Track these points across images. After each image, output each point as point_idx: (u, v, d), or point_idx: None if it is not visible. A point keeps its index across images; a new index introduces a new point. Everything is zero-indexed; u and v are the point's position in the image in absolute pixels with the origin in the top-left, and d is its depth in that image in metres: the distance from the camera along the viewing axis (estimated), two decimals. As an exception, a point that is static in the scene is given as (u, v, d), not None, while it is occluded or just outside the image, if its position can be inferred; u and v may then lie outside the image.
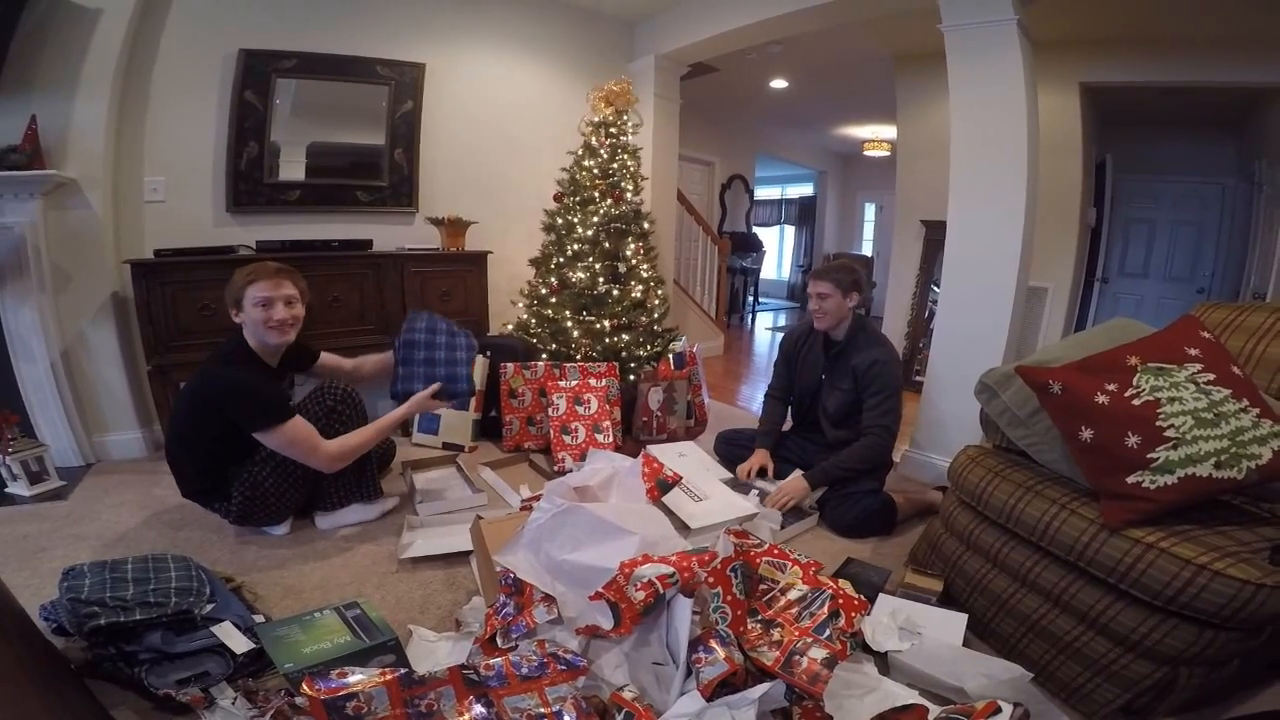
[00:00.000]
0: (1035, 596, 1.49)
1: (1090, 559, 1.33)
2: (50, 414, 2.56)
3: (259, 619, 1.54)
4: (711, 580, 1.37)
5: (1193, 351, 1.44)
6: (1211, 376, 1.38)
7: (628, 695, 1.20)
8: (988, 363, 2.04)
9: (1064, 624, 1.41)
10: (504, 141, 3.73)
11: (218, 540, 2.05)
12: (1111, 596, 1.31)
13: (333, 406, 2.09)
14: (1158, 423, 1.32)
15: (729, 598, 1.36)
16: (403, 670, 1.18)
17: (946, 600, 1.68)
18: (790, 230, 10.44)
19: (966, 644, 1.51)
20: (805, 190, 9.94)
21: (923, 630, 1.49)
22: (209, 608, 1.46)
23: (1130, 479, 1.32)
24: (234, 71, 2.86)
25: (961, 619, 1.55)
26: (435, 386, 2.18)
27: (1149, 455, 1.31)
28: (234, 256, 2.69)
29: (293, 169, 3.10)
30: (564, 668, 1.24)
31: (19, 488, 2.33)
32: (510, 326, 3.41)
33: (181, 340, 2.59)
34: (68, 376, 2.59)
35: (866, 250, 9.28)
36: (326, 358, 2.36)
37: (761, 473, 2.46)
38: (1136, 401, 1.37)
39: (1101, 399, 1.40)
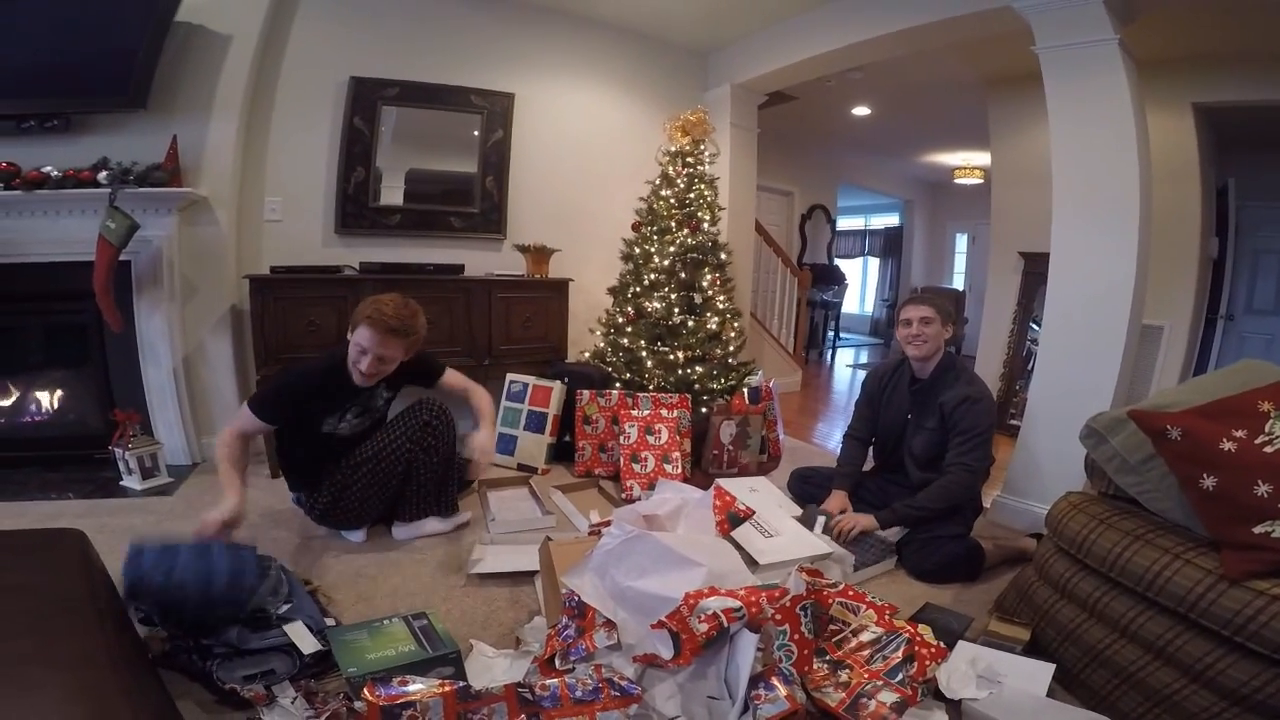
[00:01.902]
0: (1135, 648, 1.39)
1: (1204, 610, 1.24)
2: (168, 415, 2.81)
3: (330, 622, 1.60)
4: (779, 617, 1.31)
5: (1337, 397, 1.29)
6: (1358, 425, 1.23)
7: (681, 729, 1.16)
8: (1094, 407, 1.89)
9: (1164, 676, 1.31)
10: (585, 170, 3.84)
11: (302, 543, 2.17)
12: (1224, 649, 1.22)
13: (428, 421, 2.19)
14: (1295, 472, 1.19)
15: (796, 636, 1.30)
16: (460, 683, 1.18)
17: (1033, 650, 1.57)
18: (874, 262, 10.12)
19: (1052, 695, 1.42)
20: (891, 220, 9.64)
21: (1004, 679, 1.40)
22: (285, 607, 1.52)
23: (1258, 529, 1.22)
24: (345, 98, 3.10)
25: (1048, 669, 1.45)
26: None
27: None
28: (340, 277, 2.88)
29: (393, 194, 3.31)
30: (618, 694, 1.20)
31: (132, 481, 2.55)
32: (587, 354, 3.46)
33: (289, 353, 2.77)
34: (186, 381, 2.84)
35: (958, 284, 8.85)
36: (451, 378, 2.36)
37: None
38: (1269, 449, 1.27)
39: (1228, 446, 1.32)
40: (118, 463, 2.57)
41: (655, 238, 3.28)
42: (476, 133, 3.41)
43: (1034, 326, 4.01)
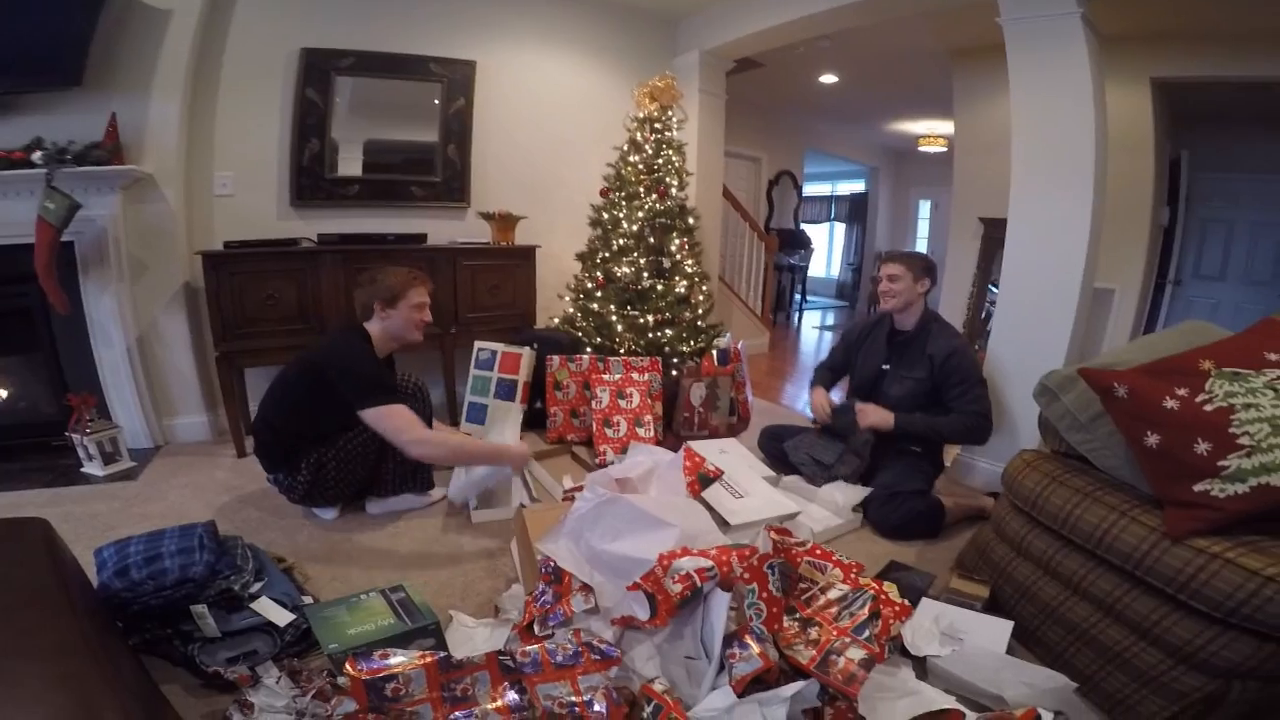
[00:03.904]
0: (1086, 605, 1.45)
1: (1149, 568, 1.28)
2: (125, 397, 2.73)
3: (308, 600, 1.60)
4: (747, 576, 1.35)
5: (1272, 356, 1.36)
6: (1293, 382, 1.29)
7: (658, 687, 1.20)
8: (1048, 366, 1.96)
9: (1114, 634, 1.37)
10: (552, 137, 3.77)
11: (274, 522, 2.15)
12: (1168, 607, 1.26)
13: (407, 396, 2.20)
14: (1231, 429, 1.26)
15: (764, 594, 1.34)
16: (441, 654, 1.20)
17: (992, 607, 1.64)
18: (840, 228, 10.22)
19: (1011, 652, 1.47)
20: (856, 187, 9.70)
21: (965, 636, 1.46)
22: (257, 586, 1.51)
23: (1197, 487, 1.27)
24: (295, 70, 2.98)
25: (1007, 626, 1.51)
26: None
27: (1220, 463, 1.25)
28: (298, 249, 2.81)
29: (351, 165, 3.21)
30: (598, 657, 1.24)
31: (94, 467, 2.48)
32: (556, 320, 3.45)
33: (247, 328, 2.70)
34: (141, 362, 2.76)
35: (921, 248, 8.99)
36: None
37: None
38: (1209, 407, 1.31)
39: (1170, 404, 1.36)
40: (76, 449, 2.50)
41: (624, 203, 3.25)
42: (437, 101, 3.31)
43: (993, 289, 4.11)
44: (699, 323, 3.39)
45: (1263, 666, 1.14)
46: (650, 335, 3.16)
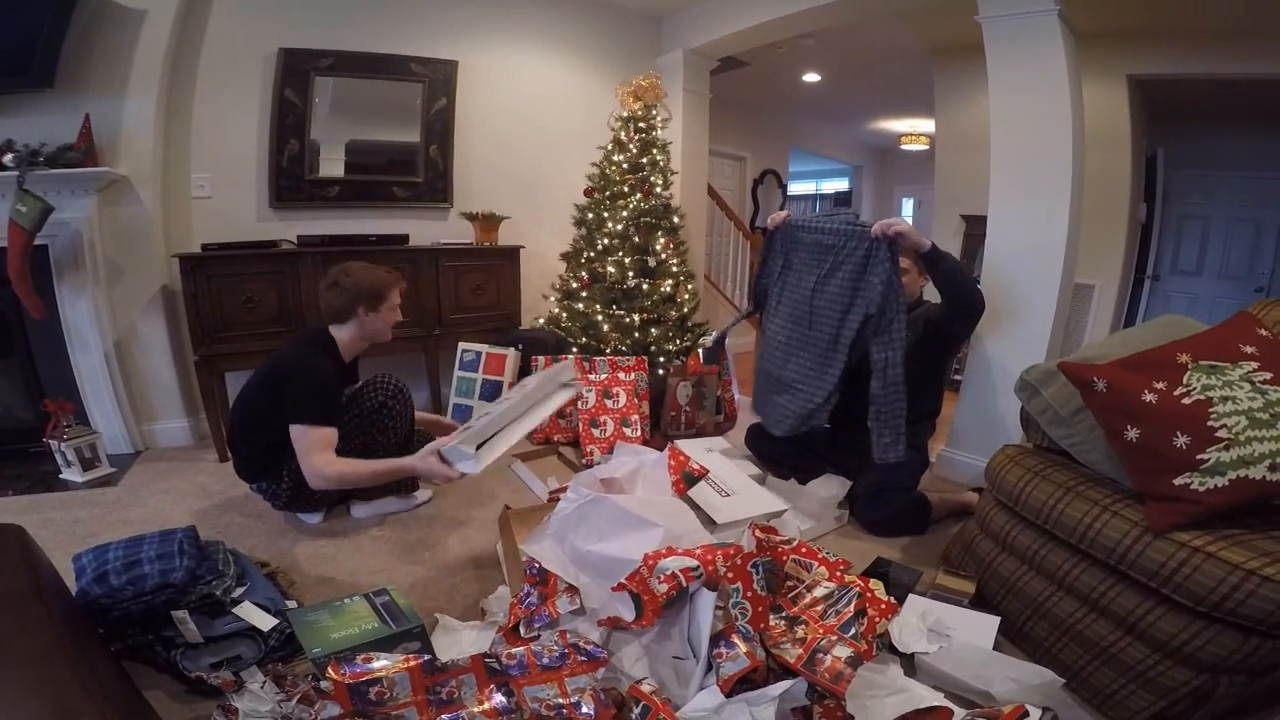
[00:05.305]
0: (1072, 600, 1.44)
1: (1132, 562, 1.28)
2: (103, 402, 2.68)
3: (292, 604, 1.58)
4: (731, 575, 1.35)
5: (1248, 349, 1.37)
6: (1268, 376, 1.31)
7: (646, 688, 1.20)
8: (1029, 361, 1.98)
9: (1100, 629, 1.37)
10: (535, 137, 3.76)
11: (257, 527, 2.12)
12: (1152, 601, 1.26)
13: (383, 403, 2.17)
14: (1209, 423, 1.27)
15: (749, 593, 1.34)
16: (426, 657, 1.19)
17: (979, 603, 1.64)
18: (825, 226, 10.30)
19: (998, 647, 1.47)
20: (841, 185, 9.77)
21: (952, 632, 1.46)
22: (239, 591, 1.49)
23: (1178, 480, 1.27)
24: (274, 70, 2.94)
25: (993, 622, 1.51)
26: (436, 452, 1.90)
27: (1199, 456, 1.25)
28: (278, 251, 2.77)
29: (332, 166, 3.17)
30: (584, 659, 1.24)
31: (73, 474, 2.43)
32: (542, 320, 3.44)
33: (226, 332, 2.67)
34: (120, 366, 2.71)
35: (905, 247, 9.07)
36: None
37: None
38: (1186, 400, 1.31)
39: (1149, 397, 1.35)
40: (54, 455, 2.45)
41: (608, 202, 3.25)
42: (418, 101, 3.29)
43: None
44: (685, 321, 3.39)
45: (1248, 661, 1.14)
46: (636, 334, 3.16)
